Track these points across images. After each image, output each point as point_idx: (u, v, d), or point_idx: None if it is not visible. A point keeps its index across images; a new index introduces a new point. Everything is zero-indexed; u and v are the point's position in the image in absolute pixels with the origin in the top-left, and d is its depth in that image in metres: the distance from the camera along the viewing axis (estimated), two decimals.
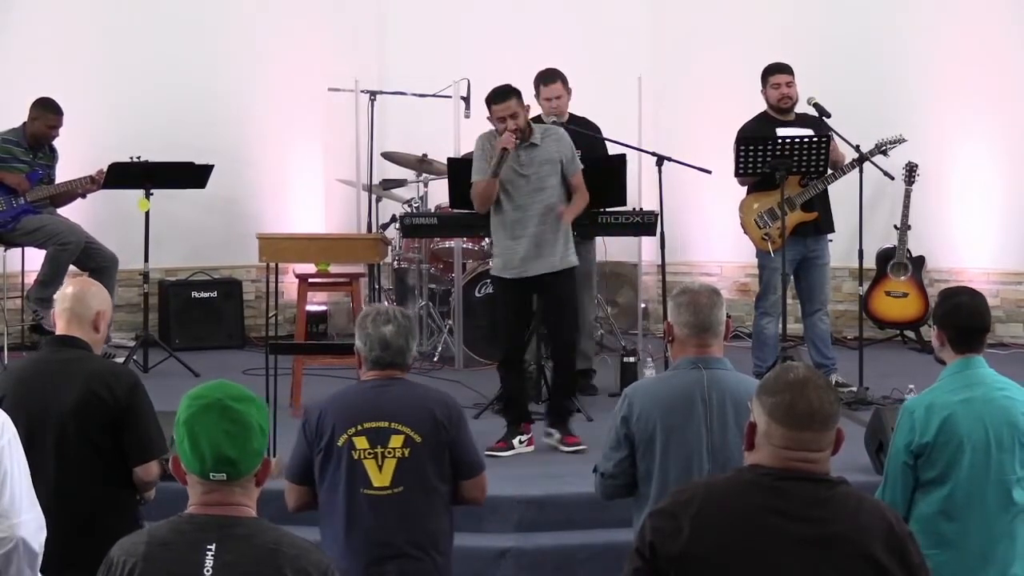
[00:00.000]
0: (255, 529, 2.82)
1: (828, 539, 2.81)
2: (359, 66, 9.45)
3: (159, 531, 2.86)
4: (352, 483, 4.12)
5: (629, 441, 4.13)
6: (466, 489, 4.27)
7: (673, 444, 4.07)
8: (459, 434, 4.22)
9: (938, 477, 4.13)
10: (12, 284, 8.99)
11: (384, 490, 4.11)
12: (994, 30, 9.46)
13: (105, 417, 4.27)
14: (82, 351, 4.37)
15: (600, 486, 4.29)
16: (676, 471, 4.05)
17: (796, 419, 2.84)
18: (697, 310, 4.13)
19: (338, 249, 7.97)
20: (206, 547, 2.77)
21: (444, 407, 4.24)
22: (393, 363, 4.24)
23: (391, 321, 4.25)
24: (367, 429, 4.13)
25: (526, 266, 6.57)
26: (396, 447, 4.12)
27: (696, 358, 4.13)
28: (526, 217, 6.57)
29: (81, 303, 4.38)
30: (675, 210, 8.73)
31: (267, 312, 8.72)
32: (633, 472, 4.15)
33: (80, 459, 4.24)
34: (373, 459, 4.12)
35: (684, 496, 2.91)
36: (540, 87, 7.82)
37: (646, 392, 4.19)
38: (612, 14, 10.11)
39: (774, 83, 7.83)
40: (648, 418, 4.09)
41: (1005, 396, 4.18)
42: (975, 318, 4.24)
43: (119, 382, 4.34)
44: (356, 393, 4.27)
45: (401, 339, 4.23)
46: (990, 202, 9.56)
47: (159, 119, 9.28)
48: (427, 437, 4.14)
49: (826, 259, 7.93)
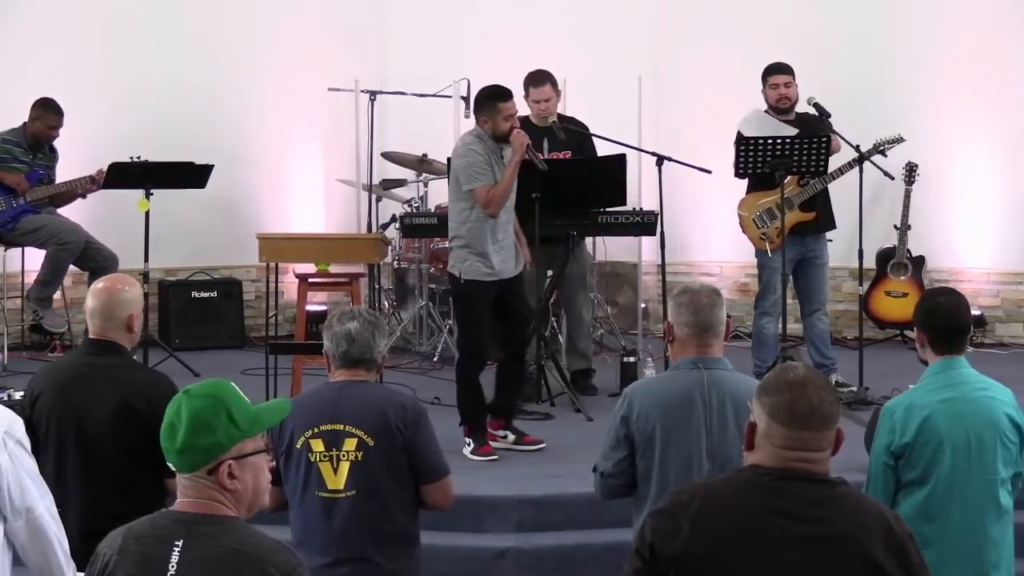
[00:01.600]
0: (223, 528, 2.83)
1: (828, 539, 2.81)
2: (359, 66, 9.46)
3: (139, 525, 2.90)
4: (308, 485, 4.13)
5: (629, 441, 4.12)
6: (427, 493, 4.21)
7: (673, 444, 4.07)
8: (416, 437, 4.15)
9: (919, 478, 4.13)
10: (12, 284, 8.99)
11: (338, 493, 4.11)
12: (994, 30, 9.46)
13: (141, 428, 4.23)
14: (120, 356, 4.36)
15: (599, 486, 4.28)
16: (676, 471, 4.05)
17: (796, 419, 2.84)
18: (698, 310, 4.13)
19: (338, 249, 7.96)
20: (174, 543, 2.80)
21: (400, 409, 4.18)
22: (361, 359, 4.20)
23: (356, 318, 4.24)
24: (323, 432, 4.12)
25: (506, 267, 6.54)
26: (350, 450, 4.10)
27: (696, 358, 4.13)
28: (509, 219, 6.56)
29: (116, 305, 4.34)
30: (675, 210, 8.73)
31: (267, 312, 8.72)
32: (633, 472, 4.15)
33: (114, 468, 4.24)
34: (328, 462, 4.11)
35: (683, 496, 2.91)
36: (529, 89, 7.78)
37: (646, 392, 4.19)
38: (612, 14, 10.11)
39: (772, 83, 7.83)
40: (648, 418, 4.09)
41: (987, 396, 4.18)
42: (954, 319, 4.25)
43: (157, 392, 4.31)
44: (316, 395, 4.27)
45: (367, 333, 4.19)
46: (990, 202, 9.56)
47: (159, 119, 9.27)
48: (380, 440, 4.11)
49: (825, 259, 7.93)
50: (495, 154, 6.46)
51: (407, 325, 9.26)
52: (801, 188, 7.71)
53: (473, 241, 6.47)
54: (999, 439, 4.13)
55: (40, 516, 3.62)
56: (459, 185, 6.48)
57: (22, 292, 8.73)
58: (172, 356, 8.33)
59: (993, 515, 4.15)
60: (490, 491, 5.97)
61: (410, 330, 9.26)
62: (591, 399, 7.58)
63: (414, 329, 9.24)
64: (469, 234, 6.47)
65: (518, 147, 6.41)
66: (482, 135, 6.48)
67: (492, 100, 6.46)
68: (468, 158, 6.44)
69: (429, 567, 4.47)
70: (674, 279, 9.17)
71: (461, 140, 6.64)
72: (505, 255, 6.51)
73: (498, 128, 6.43)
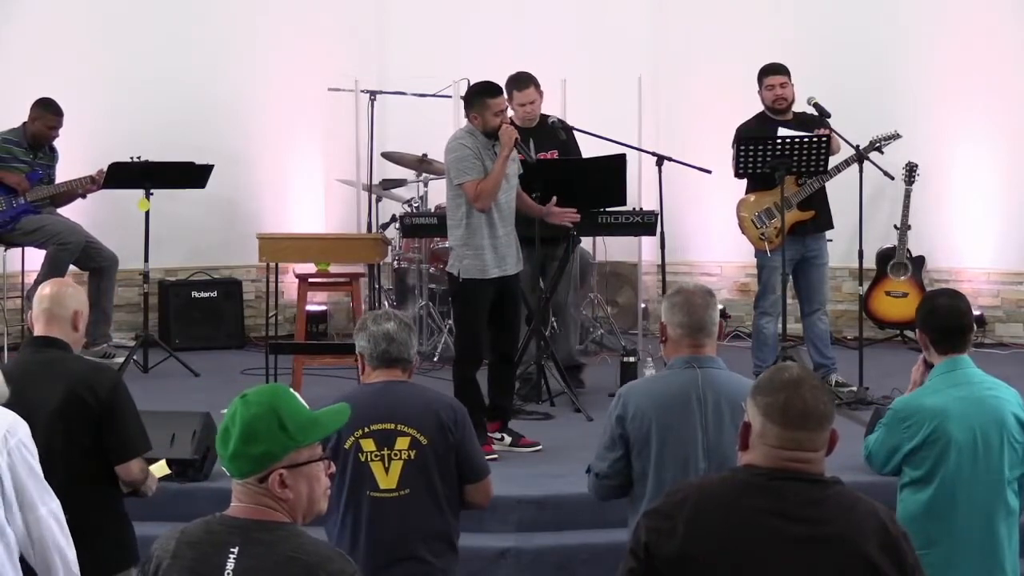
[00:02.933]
0: (279, 535, 2.80)
1: (823, 539, 2.81)
2: (359, 66, 9.46)
3: (192, 529, 2.87)
4: (359, 485, 4.11)
5: (624, 441, 4.12)
6: (470, 493, 4.25)
7: (669, 443, 4.07)
8: (464, 437, 4.19)
9: (925, 477, 4.14)
10: (12, 284, 9.00)
11: (391, 492, 4.10)
12: (994, 30, 9.46)
13: (89, 417, 4.30)
14: (63, 351, 4.40)
15: (594, 486, 4.28)
16: (672, 470, 4.05)
17: (791, 419, 2.84)
18: (691, 310, 4.13)
19: (338, 249, 7.97)
20: (230, 549, 2.77)
21: (450, 410, 4.22)
22: (399, 359, 4.21)
23: (392, 319, 4.26)
24: (374, 431, 4.11)
25: (506, 265, 6.53)
26: (403, 449, 4.11)
27: (690, 357, 4.13)
28: (506, 215, 6.55)
29: (59, 303, 4.40)
30: (675, 210, 8.74)
31: (267, 312, 8.72)
32: (628, 472, 4.15)
33: (66, 460, 4.25)
34: (380, 461, 4.10)
35: (678, 496, 2.91)
36: (513, 92, 7.73)
37: (641, 391, 4.19)
38: (612, 14, 10.11)
39: (768, 84, 7.82)
40: (643, 417, 4.09)
41: (993, 396, 4.19)
42: (954, 319, 4.26)
43: (101, 382, 4.36)
44: (362, 395, 4.24)
45: (404, 333, 4.21)
46: (990, 202, 9.55)
47: (159, 119, 9.27)
48: (433, 440, 4.13)
49: (824, 259, 7.93)
50: (486, 149, 6.46)
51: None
52: (799, 187, 7.71)
53: (469, 239, 6.47)
54: (1005, 439, 4.14)
55: (41, 518, 3.63)
56: (451, 182, 6.51)
57: (22, 292, 8.73)
58: (172, 356, 8.34)
59: (999, 515, 4.16)
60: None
61: None
62: (591, 399, 7.57)
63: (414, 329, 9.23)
64: (466, 232, 6.47)
65: (506, 141, 6.42)
66: (473, 131, 6.51)
67: (481, 96, 6.49)
68: (457, 152, 6.48)
69: None
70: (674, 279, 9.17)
71: (452, 136, 6.67)
72: (503, 252, 6.50)
73: (488, 124, 6.45)
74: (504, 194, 6.52)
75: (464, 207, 6.47)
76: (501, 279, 6.50)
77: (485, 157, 6.45)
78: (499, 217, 6.49)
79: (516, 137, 6.47)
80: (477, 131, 6.49)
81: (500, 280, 6.50)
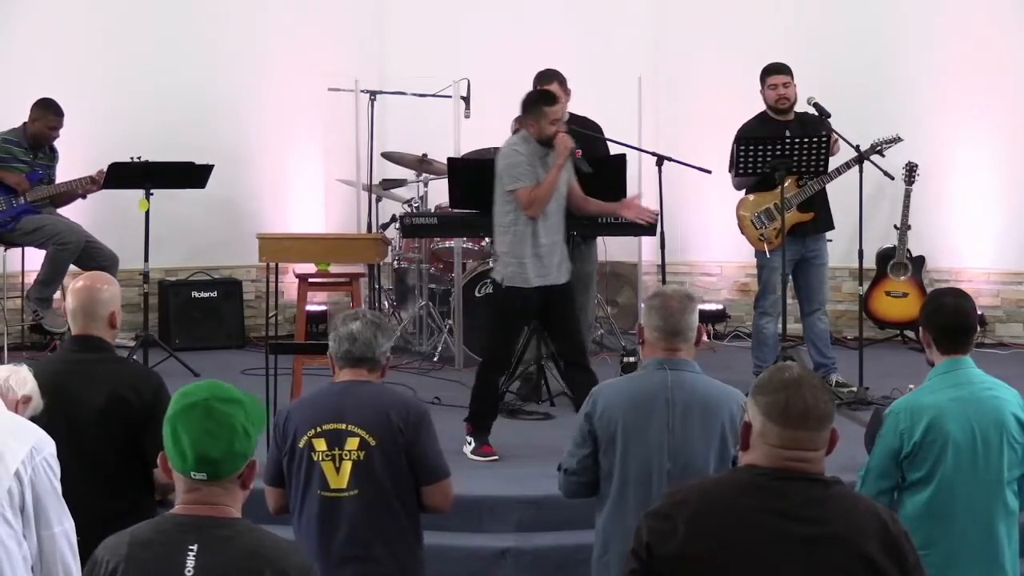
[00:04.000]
0: (237, 530, 2.82)
1: (824, 539, 2.81)
2: (359, 66, 9.45)
3: (142, 531, 2.87)
4: (311, 485, 4.13)
5: (592, 438, 4.16)
6: (426, 495, 4.21)
7: (633, 443, 4.09)
8: (417, 438, 4.15)
9: (924, 477, 4.13)
10: (12, 284, 9.00)
11: (341, 492, 4.11)
12: (994, 30, 9.46)
13: (131, 420, 4.29)
14: (105, 352, 4.41)
15: (563, 483, 4.31)
16: (636, 470, 4.08)
17: (791, 418, 2.85)
18: (667, 315, 4.15)
19: (338, 249, 7.95)
20: (188, 547, 2.78)
21: (403, 410, 4.18)
22: (362, 358, 4.21)
23: (359, 318, 4.26)
24: (326, 431, 4.12)
25: (549, 274, 6.50)
26: (352, 449, 4.10)
27: (663, 360, 4.15)
28: (552, 225, 6.52)
29: (94, 305, 4.40)
30: (675, 210, 8.73)
31: (267, 312, 8.72)
32: (595, 469, 4.17)
33: (104, 463, 4.26)
34: (331, 461, 4.11)
35: (679, 496, 2.91)
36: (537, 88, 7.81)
37: (611, 390, 4.22)
38: (612, 14, 10.11)
39: (771, 84, 7.82)
40: (611, 416, 4.11)
41: (993, 396, 4.18)
42: (958, 318, 4.25)
43: (145, 384, 4.37)
44: (319, 395, 4.27)
45: (368, 332, 4.20)
46: (990, 202, 9.56)
47: (159, 119, 9.27)
48: (382, 440, 4.11)
49: (824, 259, 7.93)
50: (539, 157, 6.46)
51: (407, 325, 9.26)
52: (799, 188, 7.71)
53: (513, 247, 6.47)
54: (1005, 439, 4.14)
55: (54, 537, 3.62)
56: (503, 188, 6.49)
57: (22, 292, 8.73)
58: (172, 356, 8.33)
59: (999, 515, 4.15)
60: (490, 491, 5.97)
61: (410, 330, 9.26)
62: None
63: (414, 329, 9.24)
64: (512, 239, 6.48)
65: (562, 150, 6.42)
66: (527, 138, 6.50)
67: (539, 104, 6.50)
68: (511, 159, 6.48)
69: (429, 567, 4.47)
70: (674, 279, 9.19)
71: (506, 142, 6.68)
72: (547, 262, 6.48)
73: (543, 132, 6.45)
74: (554, 203, 6.50)
75: (512, 214, 6.47)
76: (546, 288, 6.48)
77: (538, 165, 6.45)
78: (544, 227, 6.47)
79: (572, 146, 6.46)
80: (531, 138, 6.48)
81: (545, 289, 6.48)
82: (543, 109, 6.46)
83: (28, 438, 3.61)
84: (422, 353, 8.91)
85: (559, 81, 7.80)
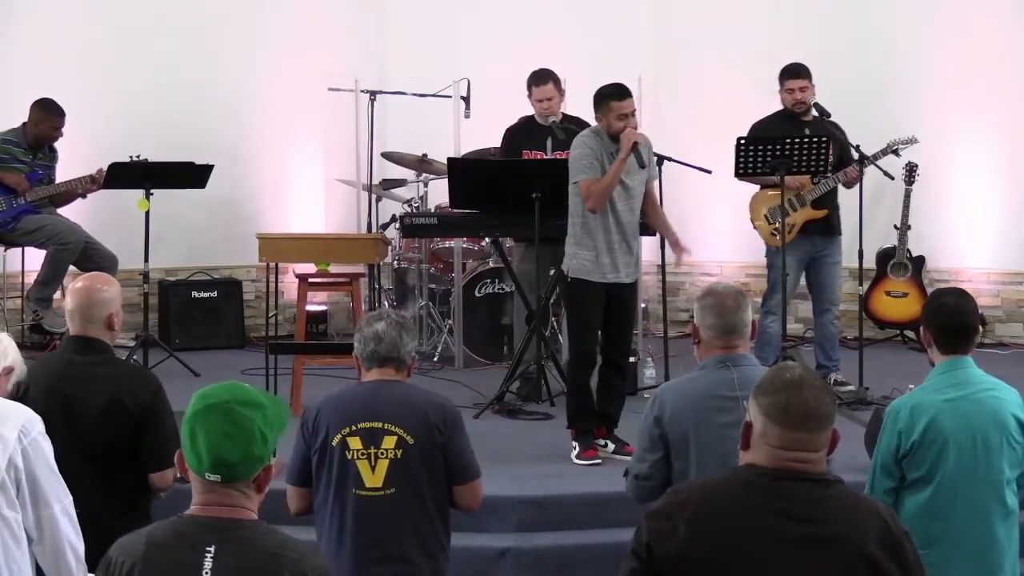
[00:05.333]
0: (256, 532, 2.81)
1: (825, 539, 2.81)
2: (359, 66, 9.45)
3: (159, 532, 2.85)
4: (345, 484, 4.10)
5: (663, 441, 4.12)
6: (458, 495, 4.22)
7: (707, 442, 4.06)
8: (453, 438, 4.16)
9: (924, 477, 4.13)
10: (12, 284, 9.00)
11: (376, 491, 4.08)
12: (994, 30, 9.46)
13: (128, 423, 4.29)
14: (104, 354, 4.40)
15: (634, 488, 4.26)
16: (713, 468, 4.03)
17: (792, 419, 2.85)
18: (722, 312, 4.14)
19: (338, 249, 7.96)
20: (205, 549, 2.76)
21: (439, 410, 4.19)
22: (388, 358, 4.20)
23: (383, 318, 4.25)
24: (361, 429, 4.10)
25: (618, 272, 6.48)
26: (389, 448, 4.08)
27: (723, 357, 4.14)
28: (626, 225, 6.49)
29: (93, 307, 4.39)
30: (675, 210, 8.72)
31: (267, 312, 8.71)
32: (668, 472, 4.14)
33: (102, 465, 4.26)
34: (366, 459, 4.08)
35: (680, 496, 2.91)
36: (532, 88, 7.84)
37: (677, 391, 4.19)
38: (612, 14, 10.11)
39: (788, 88, 7.80)
40: (681, 417, 4.09)
41: (993, 396, 4.18)
42: (960, 318, 4.24)
43: (143, 387, 4.36)
44: (352, 393, 4.25)
45: (393, 332, 4.19)
46: (990, 202, 9.56)
47: (159, 119, 9.27)
48: (420, 439, 4.10)
49: (837, 258, 7.91)
50: (608, 151, 6.44)
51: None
52: (814, 185, 7.70)
53: (583, 239, 6.47)
54: (1005, 439, 4.13)
55: (52, 515, 3.62)
56: (572, 180, 6.51)
57: (22, 292, 8.74)
58: (172, 356, 8.33)
59: (999, 515, 4.15)
60: (490, 491, 5.88)
61: None
62: None
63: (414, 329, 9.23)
64: (581, 231, 6.47)
65: (625, 145, 6.38)
66: (599, 132, 6.51)
67: (607, 99, 6.48)
68: (579, 151, 6.49)
69: None
70: (674, 279, 9.19)
71: (579, 135, 6.67)
72: (617, 259, 6.46)
73: (611, 126, 6.44)
74: (624, 203, 6.47)
75: (580, 207, 6.47)
76: (612, 286, 6.46)
77: (605, 159, 6.43)
78: (616, 224, 6.45)
79: (635, 141, 6.41)
80: (602, 133, 6.48)
81: (612, 287, 6.46)
82: (610, 104, 6.45)
83: (15, 421, 3.60)
84: (422, 353, 8.89)
85: (554, 81, 7.81)
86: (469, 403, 7.34)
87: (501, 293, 8.72)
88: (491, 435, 6.66)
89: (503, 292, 8.68)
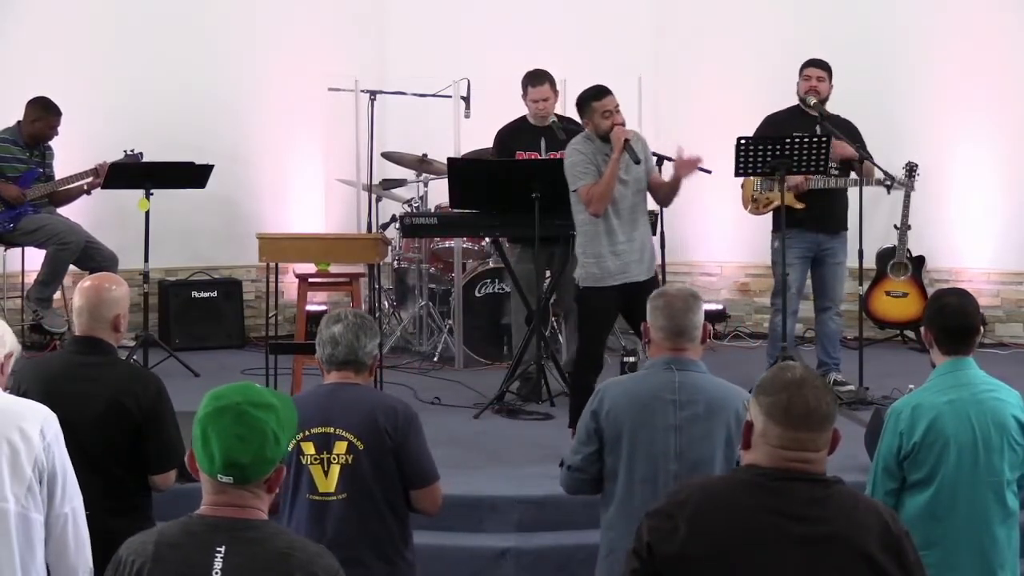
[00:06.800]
0: (267, 532, 2.81)
1: (826, 539, 2.81)
2: (359, 66, 9.45)
3: (169, 531, 2.84)
4: (300, 488, 4.11)
5: (598, 436, 4.14)
6: (415, 499, 4.18)
7: (640, 443, 4.08)
8: (405, 442, 4.12)
9: (925, 478, 4.13)
10: (12, 284, 9.00)
11: (329, 496, 4.08)
12: (994, 30, 9.46)
13: (130, 424, 4.30)
14: (108, 355, 4.40)
15: (566, 479, 4.30)
16: (642, 470, 4.07)
17: (793, 419, 2.84)
18: (672, 314, 4.15)
19: (338, 249, 7.96)
20: (216, 549, 2.76)
21: (390, 413, 4.14)
22: (346, 361, 4.18)
23: (341, 320, 4.23)
24: (314, 435, 4.09)
25: (629, 271, 6.48)
26: (340, 453, 4.07)
27: (670, 359, 4.14)
28: (628, 221, 6.49)
29: (100, 307, 4.38)
30: (675, 210, 8.70)
31: (267, 312, 8.71)
32: (600, 467, 4.16)
33: (104, 466, 4.26)
34: (319, 465, 4.08)
35: (680, 496, 2.91)
36: (528, 88, 7.83)
37: (618, 389, 4.20)
38: (612, 14, 10.11)
39: (806, 75, 7.87)
40: (618, 415, 4.10)
41: (994, 397, 4.18)
42: (961, 319, 4.24)
43: (145, 389, 4.36)
44: (309, 398, 4.24)
45: (351, 334, 4.17)
46: (990, 202, 9.55)
47: (159, 119, 9.27)
48: (369, 444, 4.08)
49: (840, 258, 7.92)
50: (601, 153, 6.45)
51: (407, 325, 9.26)
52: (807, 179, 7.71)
53: (587, 246, 6.48)
54: (1006, 441, 4.13)
55: (67, 515, 3.63)
56: (571, 190, 6.51)
57: (22, 292, 8.73)
58: (172, 356, 8.33)
59: (999, 516, 4.15)
60: (490, 491, 5.97)
61: (410, 330, 9.26)
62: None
63: (414, 329, 9.24)
64: (586, 239, 6.48)
65: (616, 143, 6.38)
66: (589, 136, 6.52)
67: (587, 101, 6.51)
68: (571, 158, 6.50)
69: (429, 567, 4.46)
70: (674, 279, 9.18)
71: (570, 143, 6.66)
72: (626, 259, 6.46)
73: (598, 126, 6.45)
74: (625, 199, 6.47)
75: (583, 214, 6.47)
76: (626, 286, 6.45)
77: (600, 162, 6.43)
78: (619, 223, 6.46)
79: (627, 138, 6.41)
80: (593, 136, 6.49)
81: (624, 287, 6.45)
82: (591, 104, 6.47)
83: (35, 419, 3.62)
84: (422, 353, 8.90)
85: (550, 82, 7.80)
86: (469, 403, 7.34)
87: (501, 293, 8.72)
88: (491, 435, 6.66)
89: (503, 292, 8.69)
